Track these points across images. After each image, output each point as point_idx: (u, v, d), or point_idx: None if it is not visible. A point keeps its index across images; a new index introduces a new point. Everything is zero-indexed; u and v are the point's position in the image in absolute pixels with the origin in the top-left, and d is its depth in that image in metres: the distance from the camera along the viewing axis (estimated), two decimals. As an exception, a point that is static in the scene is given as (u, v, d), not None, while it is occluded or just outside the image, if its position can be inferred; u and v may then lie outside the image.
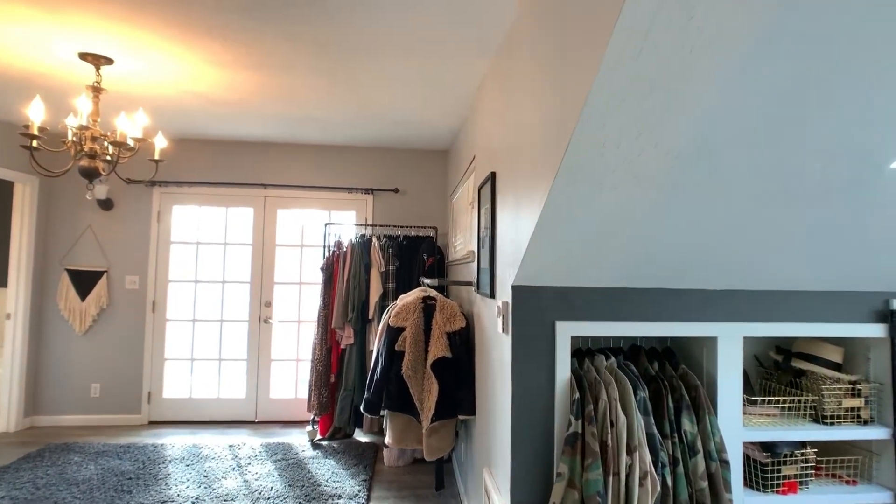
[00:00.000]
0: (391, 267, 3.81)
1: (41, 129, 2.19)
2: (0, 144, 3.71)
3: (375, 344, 2.89)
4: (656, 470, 1.57)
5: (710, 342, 1.86)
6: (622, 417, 1.58)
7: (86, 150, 2.22)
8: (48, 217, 4.13)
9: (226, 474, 3.19)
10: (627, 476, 1.53)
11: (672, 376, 1.83)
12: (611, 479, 1.52)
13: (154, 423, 4.15)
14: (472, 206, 2.83)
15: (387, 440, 2.80)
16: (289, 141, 4.25)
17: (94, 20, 2.03)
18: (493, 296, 2.11)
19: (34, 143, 2.17)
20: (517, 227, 1.73)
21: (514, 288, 1.76)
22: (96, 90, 2.33)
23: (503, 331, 1.87)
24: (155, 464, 3.32)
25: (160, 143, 2.55)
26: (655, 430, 1.63)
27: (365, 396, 2.80)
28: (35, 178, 4.01)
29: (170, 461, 3.37)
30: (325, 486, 3.05)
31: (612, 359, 1.78)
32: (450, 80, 2.63)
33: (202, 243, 4.33)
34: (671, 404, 1.72)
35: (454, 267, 3.70)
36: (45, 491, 2.89)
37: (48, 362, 4.10)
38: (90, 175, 2.24)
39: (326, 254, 3.98)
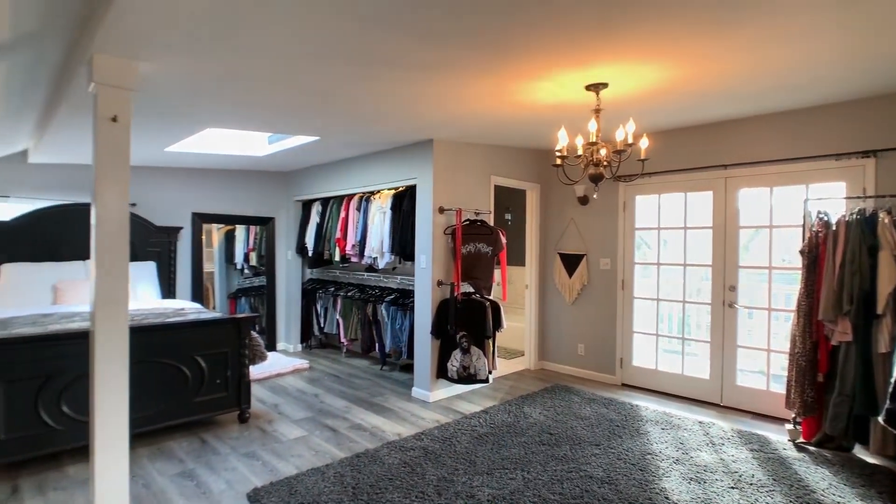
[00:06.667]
0: (915, 249, 2.91)
1: (560, 150, 2.99)
2: (519, 165, 5.24)
3: (903, 345, 2.32)
4: None
5: None
6: None
7: (593, 160, 2.87)
8: (545, 213, 5.50)
9: (699, 447, 3.36)
10: None
11: None
12: None
13: (625, 386, 4.83)
14: None
15: (924, 468, 2.21)
16: (750, 115, 3.94)
17: (598, 60, 2.59)
18: None
19: (559, 162, 2.98)
20: None
21: None
22: (597, 111, 2.94)
23: None
24: (634, 420, 3.88)
25: (644, 144, 2.95)
26: None
27: (886, 406, 2.31)
28: (537, 185, 5.42)
29: (646, 421, 3.85)
30: (822, 495, 2.72)
31: None
32: None
33: (663, 228, 4.66)
34: None
35: None
36: (562, 417, 3.94)
37: (549, 322, 5.49)
38: (597, 180, 2.87)
39: (807, 234, 3.47)
